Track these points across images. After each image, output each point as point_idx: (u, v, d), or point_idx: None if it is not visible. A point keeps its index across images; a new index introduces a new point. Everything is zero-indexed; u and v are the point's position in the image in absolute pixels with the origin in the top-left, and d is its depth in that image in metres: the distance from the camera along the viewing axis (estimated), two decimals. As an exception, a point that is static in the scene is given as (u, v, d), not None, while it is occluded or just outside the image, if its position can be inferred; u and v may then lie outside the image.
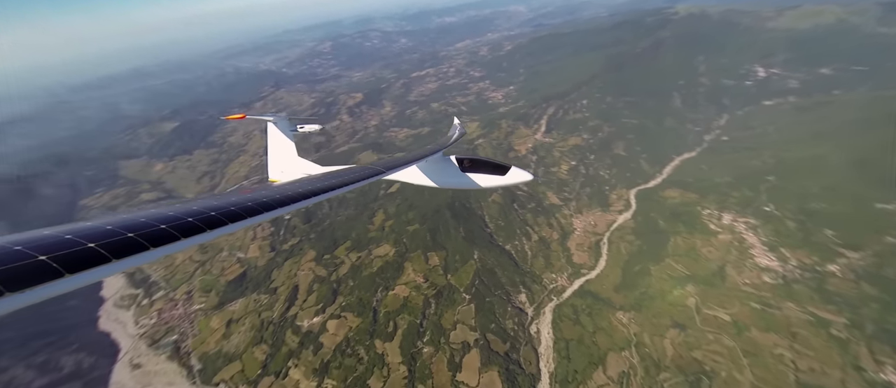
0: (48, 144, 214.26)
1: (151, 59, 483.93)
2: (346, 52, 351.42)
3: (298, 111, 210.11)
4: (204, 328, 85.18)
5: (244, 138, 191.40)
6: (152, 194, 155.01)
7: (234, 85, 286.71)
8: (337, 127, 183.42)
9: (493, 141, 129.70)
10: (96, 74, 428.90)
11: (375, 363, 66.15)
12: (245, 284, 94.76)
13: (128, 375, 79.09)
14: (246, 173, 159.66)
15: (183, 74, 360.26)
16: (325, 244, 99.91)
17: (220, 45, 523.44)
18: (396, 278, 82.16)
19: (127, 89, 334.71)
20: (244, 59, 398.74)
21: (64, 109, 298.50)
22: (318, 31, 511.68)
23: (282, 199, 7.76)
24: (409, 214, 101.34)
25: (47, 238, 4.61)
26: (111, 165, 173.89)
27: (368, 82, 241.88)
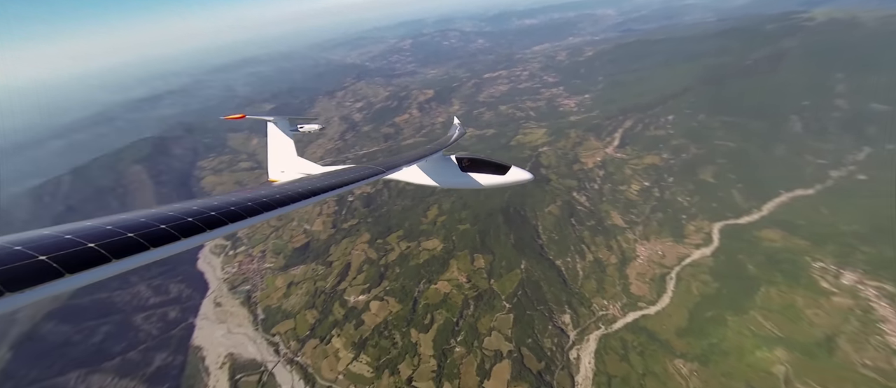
0: (183, 113, 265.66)
1: (261, 49, 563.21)
2: (424, 49, 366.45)
3: (374, 103, 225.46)
4: (270, 285, 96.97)
5: (325, 122, 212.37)
6: (247, 163, 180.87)
7: (323, 74, 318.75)
8: (407, 121, 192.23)
9: (557, 150, 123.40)
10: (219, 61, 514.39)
11: (408, 350, 68.30)
12: (307, 253, 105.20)
13: (211, 309, 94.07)
14: (321, 155, 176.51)
15: (285, 63, 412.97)
16: (379, 229, 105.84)
17: (317, 39, 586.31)
18: (440, 273, 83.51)
19: (241, 74, 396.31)
20: (335, 52, 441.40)
21: (198, 87, 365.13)
22: (402, 28, 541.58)
23: (282, 198, 7.76)
24: (462, 212, 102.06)
25: (47, 238, 4.64)
26: (222, 136, 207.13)
27: (441, 80, 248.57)
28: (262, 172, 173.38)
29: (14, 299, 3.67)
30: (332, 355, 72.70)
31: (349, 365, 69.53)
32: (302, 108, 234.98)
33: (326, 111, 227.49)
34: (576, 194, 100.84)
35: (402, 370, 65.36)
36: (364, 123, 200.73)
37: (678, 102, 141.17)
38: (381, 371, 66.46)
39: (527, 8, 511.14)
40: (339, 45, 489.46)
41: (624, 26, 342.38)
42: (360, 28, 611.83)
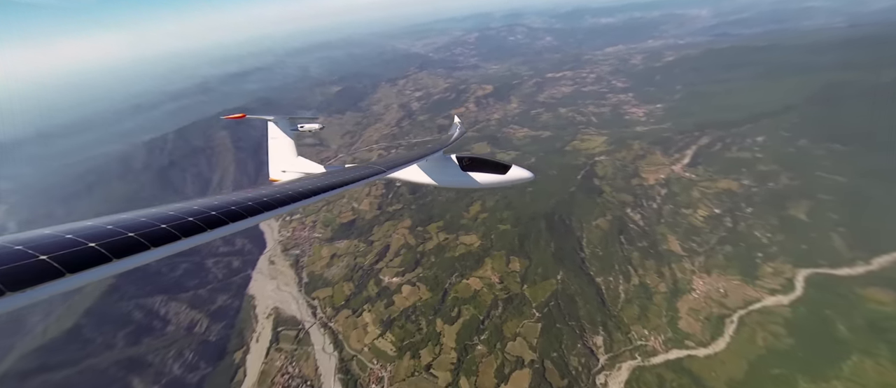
0: (264, 89, 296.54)
1: (335, 34, 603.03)
2: (488, 44, 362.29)
3: (432, 93, 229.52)
4: (316, 253, 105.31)
5: (383, 109, 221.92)
6: (310, 139, 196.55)
7: (389, 62, 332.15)
8: (462, 115, 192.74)
9: (616, 161, 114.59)
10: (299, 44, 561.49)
11: (431, 338, 69.80)
12: (352, 229, 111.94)
13: (266, 265, 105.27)
14: (377, 139, 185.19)
15: (355, 49, 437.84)
16: (421, 217, 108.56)
17: (387, 27, 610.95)
18: (474, 269, 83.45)
19: (315, 57, 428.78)
20: (401, 41, 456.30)
21: (279, 66, 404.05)
22: (469, 21, 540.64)
23: (282, 198, 7.76)
24: (504, 212, 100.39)
25: (48, 238, 4.64)
26: (293, 112, 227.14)
27: (502, 76, 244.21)
28: (322, 148, 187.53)
29: (15, 299, 3.68)
30: (361, 328, 77.13)
31: (375, 340, 73.24)
32: (365, 92, 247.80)
33: (387, 98, 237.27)
34: (629, 211, 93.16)
35: (423, 355, 67.14)
36: (421, 113, 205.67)
37: (774, 121, 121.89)
38: (403, 352, 68.98)
39: (604, 5, 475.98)
40: (405, 34, 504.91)
41: (718, 30, 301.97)
42: (427, 18, 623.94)
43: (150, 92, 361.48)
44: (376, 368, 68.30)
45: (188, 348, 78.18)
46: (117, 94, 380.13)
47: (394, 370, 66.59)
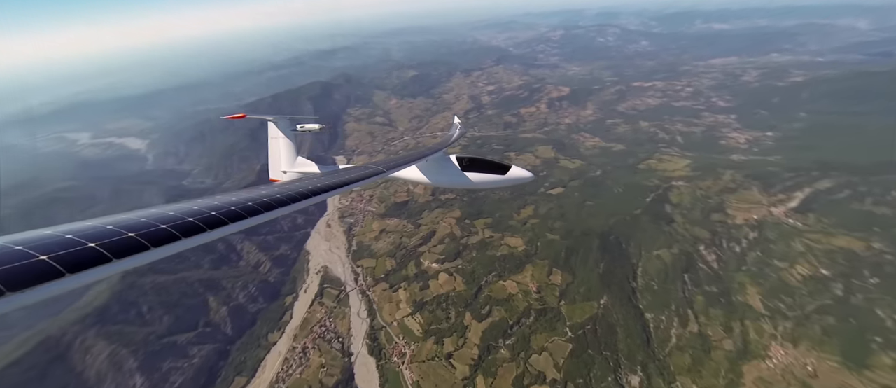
0: (348, 67, 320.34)
1: (421, 21, 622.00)
2: (573, 43, 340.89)
3: (505, 88, 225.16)
4: (368, 226, 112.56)
5: (454, 98, 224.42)
6: (382, 119, 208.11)
7: (467, 52, 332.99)
8: (532, 114, 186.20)
9: (697, 189, 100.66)
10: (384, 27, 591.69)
11: (457, 330, 70.59)
12: (404, 210, 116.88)
13: (324, 227, 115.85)
14: (443, 127, 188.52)
15: (436, 37, 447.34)
16: (470, 210, 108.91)
17: (472, 17, 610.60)
18: (513, 272, 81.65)
19: (398, 41, 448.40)
20: (483, 33, 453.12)
21: (364, 47, 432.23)
22: (557, 18, 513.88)
23: (282, 198, 7.78)
24: (556, 222, 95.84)
25: (48, 238, 4.64)
26: (369, 91, 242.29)
27: (581, 79, 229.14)
28: (390, 129, 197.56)
29: (15, 299, 3.67)
30: (395, 303, 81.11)
31: (405, 318, 76.57)
32: (439, 80, 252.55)
33: (459, 88, 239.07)
34: (703, 249, 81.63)
35: (446, 343, 68.41)
36: (490, 107, 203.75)
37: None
38: (428, 336, 71.08)
39: (720, 8, 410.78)
40: (488, 26, 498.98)
41: (877, 47, 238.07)
42: (514, 12, 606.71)
43: (258, 60, 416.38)
44: (401, 343, 71.59)
45: (252, 283, 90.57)
46: (235, 60, 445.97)
47: (416, 350, 69.13)
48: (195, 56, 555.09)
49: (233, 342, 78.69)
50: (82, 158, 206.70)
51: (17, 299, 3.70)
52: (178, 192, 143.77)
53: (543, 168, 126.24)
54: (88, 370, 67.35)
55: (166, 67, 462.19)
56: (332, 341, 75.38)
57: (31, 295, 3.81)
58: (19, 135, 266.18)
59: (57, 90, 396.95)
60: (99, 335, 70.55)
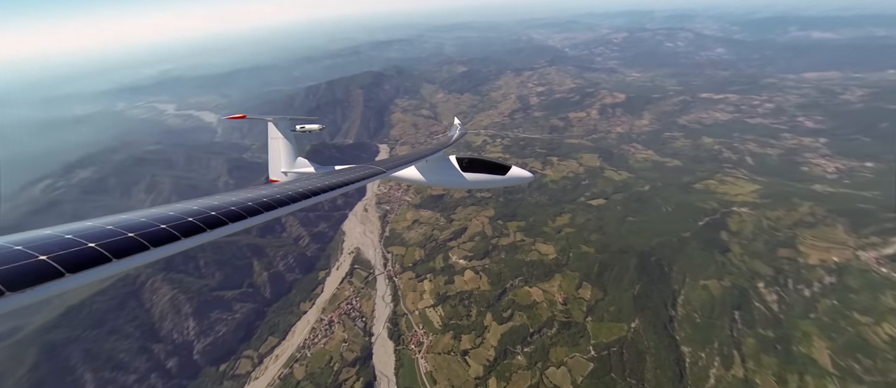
0: (401, 59, 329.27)
1: (477, 17, 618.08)
2: (636, 47, 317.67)
3: (556, 90, 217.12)
4: (402, 214, 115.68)
5: (501, 97, 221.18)
6: (428, 112, 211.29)
7: (520, 51, 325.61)
8: (581, 120, 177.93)
9: (763, 219, 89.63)
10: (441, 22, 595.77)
11: (476, 329, 70.45)
12: (438, 203, 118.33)
13: (361, 211, 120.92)
14: (487, 125, 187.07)
15: (491, 33, 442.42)
16: (505, 211, 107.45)
17: (530, 14, 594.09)
18: (540, 280, 79.43)
19: (452, 36, 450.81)
20: (539, 32, 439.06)
21: (419, 40, 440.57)
22: (621, 19, 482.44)
23: (282, 198, 7.78)
24: (592, 234, 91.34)
25: (48, 238, 4.64)
26: (418, 84, 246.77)
27: (640, 86, 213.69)
28: (435, 122, 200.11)
29: (15, 299, 3.66)
30: (419, 292, 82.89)
31: (426, 308, 78.01)
32: (488, 77, 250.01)
33: (508, 87, 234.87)
34: (762, 287, 72.81)
35: (463, 340, 68.67)
36: (537, 109, 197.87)
37: None
38: (447, 329, 71.84)
39: (824, 14, 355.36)
40: (545, 25, 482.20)
41: None
42: (573, 12, 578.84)
43: (317, 48, 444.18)
44: (420, 332, 73.17)
45: (291, 254, 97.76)
46: (298, 47, 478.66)
47: (434, 342, 70.26)
48: (264, 42, 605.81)
49: (270, 304, 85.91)
50: (167, 126, 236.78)
51: (17, 299, 3.69)
52: (238, 164, 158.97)
53: (586, 177, 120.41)
54: (155, 307, 77.69)
55: (240, 52, 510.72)
56: (356, 319, 79.17)
57: (31, 295, 3.80)
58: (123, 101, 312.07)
59: (154, 67, 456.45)
60: (165, 280, 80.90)
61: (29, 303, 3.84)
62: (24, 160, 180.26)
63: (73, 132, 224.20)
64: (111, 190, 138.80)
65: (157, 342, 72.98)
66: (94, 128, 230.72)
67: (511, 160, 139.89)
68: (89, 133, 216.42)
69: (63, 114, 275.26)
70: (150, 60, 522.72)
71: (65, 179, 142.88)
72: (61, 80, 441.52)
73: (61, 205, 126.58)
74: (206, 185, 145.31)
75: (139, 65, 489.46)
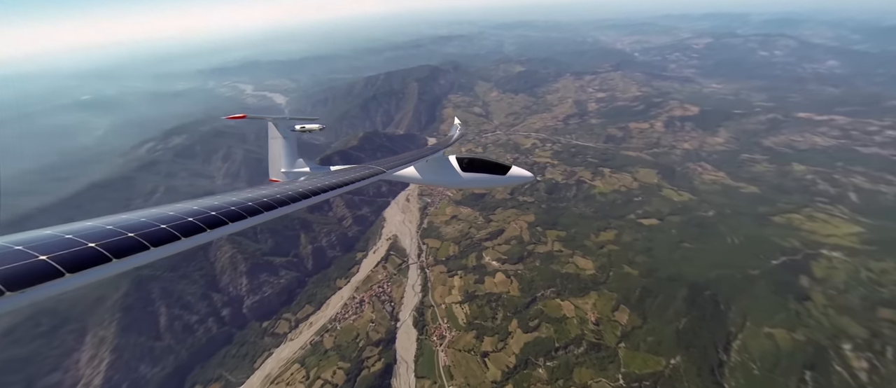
0: (459, 55, 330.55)
1: (542, 16, 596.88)
2: (720, 55, 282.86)
3: (618, 98, 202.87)
4: (441, 209, 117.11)
5: (557, 100, 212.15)
6: (480, 110, 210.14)
7: (583, 53, 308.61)
8: (643, 131, 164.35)
9: (863, 268, 75.21)
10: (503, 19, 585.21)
11: (500, 333, 69.39)
12: (479, 202, 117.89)
13: (403, 200, 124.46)
14: (538, 128, 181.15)
15: (554, 33, 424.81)
16: (546, 219, 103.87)
17: (598, 16, 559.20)
18: (573, 294, 75.67)
19: (514, 34, 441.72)
20: (607, 34, 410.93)
21: (479, 37, 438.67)
22: (707, 22, 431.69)
23: (282, 198, 7.81)
24: (639, 255, 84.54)
25: (48, 238, 4.64)
26: (473, 81, 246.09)
27: (719, 100, 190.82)
28: (485, 121, 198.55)
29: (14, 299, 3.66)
30: (448, 287, 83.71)
31: (453, 304, 78.58)
32: (546, 79, 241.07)
33: (566, 90, 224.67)
34: (848, 349, 61.44)
35: (485, 341, 68.10)
36: (595, 116, 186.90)
37: None
38: (470, 328, 71.78)
39: None
40: (616, 27, 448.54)
41: None
42: (650, 14, 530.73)
43: (381, 40, 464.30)
44: (443, 326, 74.05)
45: (334, 232, 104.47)
46: (362, 38, 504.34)
47: (455, 338, 70.67)
48: (336, 32, 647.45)
49: (310, 275, 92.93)
50: (245, 104, 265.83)
51: (16, 299, 3.70)
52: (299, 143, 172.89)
53: (640, 193, 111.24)
54: (217, 262, 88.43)
55: (313, 41, 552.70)
56: (385, 302, 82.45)
57: (31, 295, 3.81)
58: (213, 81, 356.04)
59: (240, 51, 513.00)
60: (228, 240, 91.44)
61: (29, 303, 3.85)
62: (138, 124, 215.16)
63: (172, 104, 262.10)
64: (196, 156, 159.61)
65: (216, 292, 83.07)
66: (189, 102, 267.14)
67: (558, 166, 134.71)
68: (184, 106, 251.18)
69: (166, 88, 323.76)
70: (238, 46, 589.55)
71: (163, 143, 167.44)
72: (167, 60, 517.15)
73: (158, 165, 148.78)
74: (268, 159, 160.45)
75: (228, 49, 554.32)
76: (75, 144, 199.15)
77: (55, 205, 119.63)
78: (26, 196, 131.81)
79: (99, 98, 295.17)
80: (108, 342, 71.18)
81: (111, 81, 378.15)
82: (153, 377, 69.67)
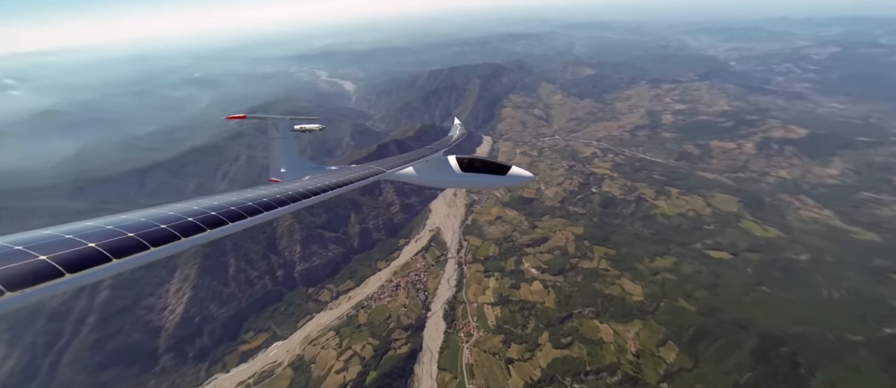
0: (525, 54, 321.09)
1: (618, 17, 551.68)
2: (849, 68, 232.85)
3: (700, 111, 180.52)
4: (487, 208, 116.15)
5: (627, 109, 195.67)
6: (541, 112, 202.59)
7: (665, 59, 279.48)
8: (726, 152, 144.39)
9: None
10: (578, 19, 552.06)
11: (528, 343, 67.21)
12: (526, 206, 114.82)
13: (451, 194, 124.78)
14: (601, 137, 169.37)
15: (634, 36, 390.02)
16: (595, 234, 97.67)
17: (688, 18, 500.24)
18: (615, 319, 70.15)
19: (587, 35, 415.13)
20: (698, 38, 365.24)
21: (549, 36, 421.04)
22: (836, 27, 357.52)
23: (282, 199, 7.81)
24: (699, 290, 75.26)
25: (48, 238, 4.64)
26: (537, 82, 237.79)
27: (838, 122, 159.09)
28: (544, 124, 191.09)
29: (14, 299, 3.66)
30: (482, 287, 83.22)
31: (485, 305, 78.00)
32: (617, 85, 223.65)
33: (639, 98, 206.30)
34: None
35: (512, 348, 66.57)
36: (669, 130, 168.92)
37: None
38: (498, 331, 70.70)
39: None
40: (710, 30, 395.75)
41: None
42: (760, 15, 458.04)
43: (450, 35, 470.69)
44: (472, 324, 73.95)
45: (382, 216, 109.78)
46: (431, 33, 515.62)
47: (482, 338, 70.18)
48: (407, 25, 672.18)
49: (355, 253, 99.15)
50: (318, 89, 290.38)
51: (16, 299, 3.69)
52: (360, 129, 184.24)
53: (713, 221, 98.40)
54: (278, 227, 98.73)
55: (386, 33, 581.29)
56: (419, 291, 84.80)
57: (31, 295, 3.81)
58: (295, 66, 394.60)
59: (320, 40, 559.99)
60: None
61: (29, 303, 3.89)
62: (232, 100, 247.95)
63: (260, 84, 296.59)
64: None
65: (275, 254, 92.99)
66: (273, 83, 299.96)
67: (617, 180, 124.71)
68: (270, 86, 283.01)
69: (257, 70, 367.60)
70: (318, 35, 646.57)
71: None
72: (262, 45, 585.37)
73: (243, 137, 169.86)
74: (332, 143, 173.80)
75: (310, 38, 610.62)
76: (185, 114, 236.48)
77: (169, 161, 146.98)
78: (152, 152, 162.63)
79: (206, 76, 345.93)
80: (190, 281, 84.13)
81: (217, 61, 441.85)
82: (219, 316, 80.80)
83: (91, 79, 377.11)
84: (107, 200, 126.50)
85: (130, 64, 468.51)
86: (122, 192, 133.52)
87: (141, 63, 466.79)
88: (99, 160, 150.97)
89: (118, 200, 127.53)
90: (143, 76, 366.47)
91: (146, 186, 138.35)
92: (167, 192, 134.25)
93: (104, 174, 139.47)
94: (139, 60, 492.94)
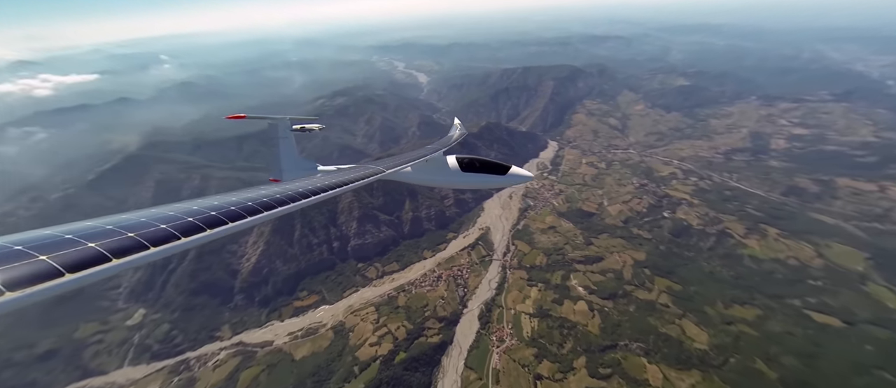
0: (608, 58, 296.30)
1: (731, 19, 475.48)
2: None
3: (828, 139, 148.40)
4: (542, 215, 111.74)
5: (724, 129, 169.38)
6: (616, 122, 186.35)
7: (788, 72, 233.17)
8: (858, 193, 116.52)
9: None
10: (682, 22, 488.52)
11: (563, 363, 63.63)
12: (583, 220, 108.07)
13: (506, 195, 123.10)
14: (685, 156, 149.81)
15: (750, 42, 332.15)
16: (658, 263, 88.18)
17: (825, 22, 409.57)
18: (667, 363, 62.68)
19: (687, 41, 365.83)
20: (842, 48, 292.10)
21: (641, 40, 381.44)
22: None
23: (281, 199, 7.82)
24: (786, 357, 63.46)
25: (48, 238, 4.64)
26: (617, 89, 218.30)
27: None
28: (619, 136, 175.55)
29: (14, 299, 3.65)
30: (523, 295, 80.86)
31: (523, 314, 75.75)
32: (716, 99, 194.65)
33: (743, 117, 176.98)
34: None
35: (543, 364, 63.75)
36: (777, 158, 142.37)
37: None
38: (532, 344, 68.23)
39: None
40: (859, 39, 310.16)
41: None
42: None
43: (529, 33, 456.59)
44: (506, 330, 72.49)
45: (434, 208, 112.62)
46: (510, 31, 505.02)
47: (513, 346, 68.42)
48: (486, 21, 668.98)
49: (405, 238, 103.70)
50: (393, 78, 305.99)
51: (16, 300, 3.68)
52: (428, 121, 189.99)
53: (822, 276, 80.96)
54: (340, 203, 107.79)
55: (465, 27, 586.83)
56: (459, 286, 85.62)
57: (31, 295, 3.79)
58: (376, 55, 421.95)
59: (401, 32, 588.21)
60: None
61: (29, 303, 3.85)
62: (319, 83, 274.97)
63: (344, 71, 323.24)
64: (349, 115, 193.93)
65: (334, 226, 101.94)
66: (355, 71, 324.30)
67: (697, 207, 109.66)
68: (351, 73, 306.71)
69: (343, 58, 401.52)
70: (400, 27, 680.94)
71: (330, 101, 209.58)
72: (350, 35, 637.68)
73: (322, 118, 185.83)
74: (400, 131, 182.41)
75: (392, 30, 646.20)
76: (281, 92, 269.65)
77: (259, 133, 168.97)
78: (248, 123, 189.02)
79: (302, 60, 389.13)
80: (264, 237, 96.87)
81: (313, 48, 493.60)
82: (282, 272, 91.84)
83: (217, 58, 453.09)
84: (213, 159, 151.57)
85: (247, 47, 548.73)
86: (224, 154, 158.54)
87: (255, 47, 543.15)
88: (212, 126, 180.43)
89: (221, 160, 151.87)
90: (255, 57, 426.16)
91: (243, 150, 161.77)
92: (257, 157, 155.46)
93: (214, 138, 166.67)
94: (254, 44, 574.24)
